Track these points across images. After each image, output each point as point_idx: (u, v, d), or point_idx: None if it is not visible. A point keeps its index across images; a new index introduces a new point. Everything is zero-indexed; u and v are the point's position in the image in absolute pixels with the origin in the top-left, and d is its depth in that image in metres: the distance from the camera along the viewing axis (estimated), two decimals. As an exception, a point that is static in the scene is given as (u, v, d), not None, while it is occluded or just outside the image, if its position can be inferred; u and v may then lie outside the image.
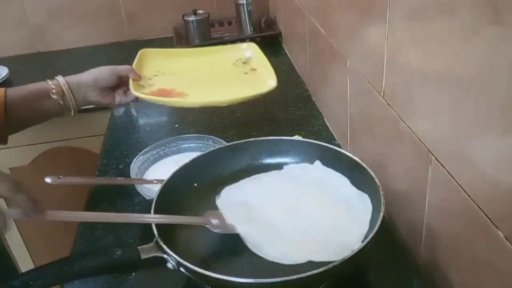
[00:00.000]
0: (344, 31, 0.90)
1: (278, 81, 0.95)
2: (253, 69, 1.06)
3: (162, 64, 1.09)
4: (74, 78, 0.91)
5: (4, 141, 0.88)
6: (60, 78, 0.90)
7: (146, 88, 0.97)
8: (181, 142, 0.97)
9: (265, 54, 1.08)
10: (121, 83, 0.95)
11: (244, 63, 1.10)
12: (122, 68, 0.95)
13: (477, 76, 0.49)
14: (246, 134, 1.09)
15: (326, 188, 0.73)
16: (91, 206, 0.91)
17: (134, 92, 0.91)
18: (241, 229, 0.66)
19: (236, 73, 1.06)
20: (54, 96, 0.88)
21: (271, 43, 1.62)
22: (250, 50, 1.12)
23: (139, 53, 1.10)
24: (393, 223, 0.79)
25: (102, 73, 0.92)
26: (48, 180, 0.77)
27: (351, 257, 0.56)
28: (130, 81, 0.94)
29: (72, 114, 0.92)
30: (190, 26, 1.62)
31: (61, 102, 0.89)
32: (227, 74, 1.06)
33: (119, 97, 0.95)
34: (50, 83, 0.89)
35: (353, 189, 0.71)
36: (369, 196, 0.68)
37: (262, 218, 0.68)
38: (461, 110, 0.53)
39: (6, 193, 0.54)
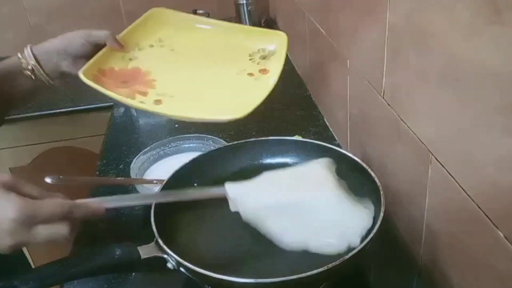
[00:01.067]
0: (344, 31, 0.90)
1: (279, 83, 0.84)
2: (263, 71, 0.86)
3: (168, 32, 0.91)
4: (43, 47, 0.81)
5: None
6: (27, 51, 0.79)
7: (123, 62, 0.83)
8: (181, 142, 0.97)
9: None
10: (97, 51, 0.82)
11: (263, 57, 0.88)
12: (98, 34, 0.81)
13: (477, 76, 0.49)
14: (246, 134, 1.09)
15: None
16: (91, 206, 0.91)
17: (82, 75, 0.75)
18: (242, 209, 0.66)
19: (238, 72, 0.86)
20: (25, 72, 0.79)
21: (271, 43, 1.62)
22: (276, 43, 0.90)
23: (148, 11, 0.92)
24: (393, 223, 0.79)
25: (73, 40, 0.80)
26: (48, 180, 0.76)
27: (351, 257, 0.56)
28: (102, 51, 0.80)
29: (48, 84, 0.82)
30: (190, 26, 1.62)
31: (32, 76, 0.79)
32: (228, 70, 0.86)
33: None
34: (20, 56, 0.79)
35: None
36: (370, 196, 0.68)
37: (265, 202, 0.67)
38: (461, 110, 0.53)
39: (63, 213, 0.54)
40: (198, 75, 0.86)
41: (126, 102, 0.77)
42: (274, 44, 0.90)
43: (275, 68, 0.85)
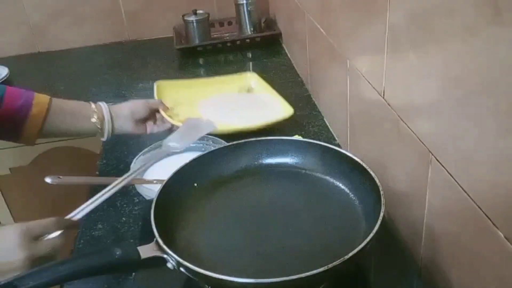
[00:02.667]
0: (344, 31, 0.90)
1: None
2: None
3: (176, 94, 1.17)
4: (113, 108, 0.97)
5: (32, 143, 0.94)
6: (104, 105, 0.96)
7: (174, 118, 1.03)
8: (181, 142, 0.97)
9: (265, 55, 1.08)
10: (151, 115, 1.03)
11: (248, 91, 1.21)
12: (154, 102, 1.05)
13: (477, 76, 0.49)
14: (246, 134, 1.09)
15: None
16: (91, 206, 0.91)
17: (174, 121, 1.01)
18: None
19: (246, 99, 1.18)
20: (93, 120, 0.93)
21: (271, 43, 1.62)
22: (253, 81, 1.23)
23: (155, 85, 1.19)
24: (393, 223, 0.79)
25: (137, 107, 1.00)
26: (48, 180, 0.77)
27: (351, 257, 0.56)
28: (163, 113, 1.03)
29: (104, 139, 0.97)
30: (190, 26, 1.62)
31: (99, 126, 0.94)
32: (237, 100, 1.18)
33: (150, 128, 1.02)
34: (93, 106, 0.95)
35: None
36: (370, 196, 0.68)
37: None
38: (461, 110, 0.53)
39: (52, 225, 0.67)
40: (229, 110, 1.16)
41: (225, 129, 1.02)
42: (252, 82, 1.23)
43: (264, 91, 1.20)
